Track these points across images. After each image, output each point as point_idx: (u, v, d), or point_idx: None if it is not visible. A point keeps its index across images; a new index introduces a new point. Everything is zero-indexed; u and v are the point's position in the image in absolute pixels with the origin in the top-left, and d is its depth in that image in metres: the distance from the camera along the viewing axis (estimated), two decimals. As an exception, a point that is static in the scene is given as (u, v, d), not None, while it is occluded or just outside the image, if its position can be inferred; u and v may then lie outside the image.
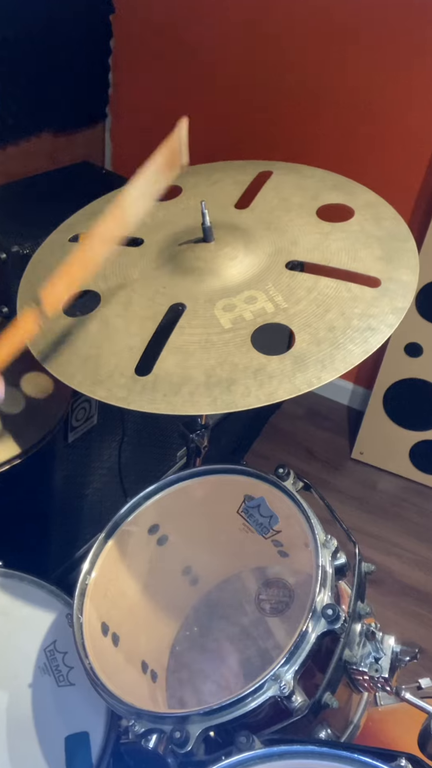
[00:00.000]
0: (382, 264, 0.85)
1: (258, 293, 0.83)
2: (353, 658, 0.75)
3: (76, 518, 1.47)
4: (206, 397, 0.74)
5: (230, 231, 0.91)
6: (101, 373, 0.80)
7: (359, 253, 0.87)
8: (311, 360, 0.75)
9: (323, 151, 1.87)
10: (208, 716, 0.70)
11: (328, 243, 0.88)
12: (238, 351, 0.77)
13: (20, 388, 1.03)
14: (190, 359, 0.78)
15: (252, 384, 0.74)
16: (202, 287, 0.85)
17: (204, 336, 0.80)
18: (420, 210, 1.82)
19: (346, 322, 0.78)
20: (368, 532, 1.88)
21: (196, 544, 1.00)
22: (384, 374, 1.92)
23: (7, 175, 1.79)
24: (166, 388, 0.76)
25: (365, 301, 0.80)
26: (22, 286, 0.96)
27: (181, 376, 0.77)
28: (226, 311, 0.82)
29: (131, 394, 0.77)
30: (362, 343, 0.76)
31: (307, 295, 0.81)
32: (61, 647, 0.93)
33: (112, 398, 0.77)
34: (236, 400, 0.73)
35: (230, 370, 0.76)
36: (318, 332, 0.77)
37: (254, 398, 0.73)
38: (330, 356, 0.75)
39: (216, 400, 0.74)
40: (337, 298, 0.81)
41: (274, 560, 0.98)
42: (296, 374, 0.74)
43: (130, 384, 0.78)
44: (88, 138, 2.12)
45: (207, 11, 1.87)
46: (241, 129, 1.97)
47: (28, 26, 1.70)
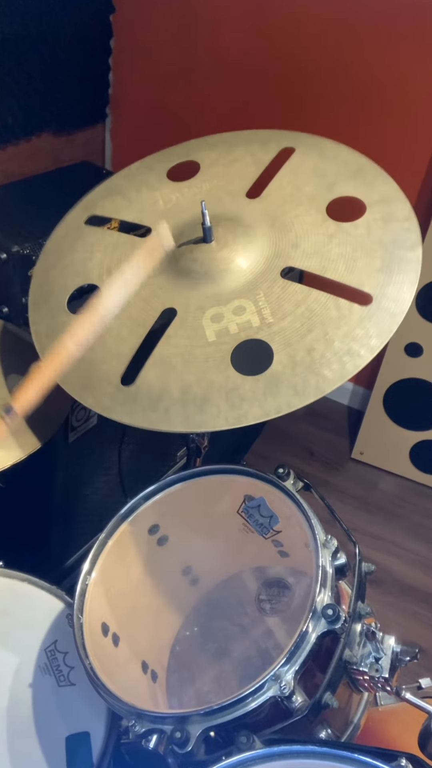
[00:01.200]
0: (380, 277, 0.82)
1: (248, 303, 0.83)
2: (353, 658, 0.75)
3: (76, 518, 1.46)
4: (180, 415, 0.75)
5: (232, 229, 0.91)
6: (91, 378, 0.81)
7: (358, 262, 0.84)
8: (284, 384, 0.75)
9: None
10: (209, 716, 0.70)
11: (329, 247, 0.86)
12: (216, 368, 0.78)
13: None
14: (171, 373, 0.79)
15: (223, 405, 0.75)
16: (195, 292, 0.86)
17: (188, 348, 0.80)
18: (420, 210, 1.82)
19: (326, 344, 0.77)
20: (368, 532, 1.88)
21: (196, 544, 1.00)
22: (384, 374, 1.92)
23: (7, 175, 1.80)
24: (145, 402, 0.77)
25: (351, 322, 0.79)
26: (36, 275, 0.97)
27: (159, 390, 0.78)
28: (213, 322, 0.82)
29: (115, 404, 0.79)
30: (338, 370, 0.75)
31: (295, 310, 0.81)
32: (62, 647, 0.93)
33: (97, 406, 0.79)
34: (207, 421, 0.74)
35: (206, 387, 0.76)
36: (297, 353, 0.77)
37: (223, 420, 0.74)
38: (303, 381, 0.75)
39: (188, 419, 0.75)
40: (323, 317, 0.80)
41: (274, 560, 0.98)
42: (267, 398, 0.74)
43: (115, 393, 0.79)
44: (88, 138, 2.12)
45: (207, 11, 1.88)
46: (241, 126, 1.97)
47: (28, 26, 1.70)
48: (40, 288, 0.96)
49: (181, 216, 0.97)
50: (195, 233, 0.91)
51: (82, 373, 0.81)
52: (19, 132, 1.84)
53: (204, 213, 0.87)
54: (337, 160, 0.98)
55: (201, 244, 0.89)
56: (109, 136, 2.20)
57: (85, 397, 0.80)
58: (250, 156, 1.02)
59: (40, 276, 0.97)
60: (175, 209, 0.98)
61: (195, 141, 1.09)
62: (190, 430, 0.74)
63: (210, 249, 0.88)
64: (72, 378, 0.82)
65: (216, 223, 0.89)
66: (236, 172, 1.01)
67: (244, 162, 1.02)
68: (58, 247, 1.00)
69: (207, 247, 0.89)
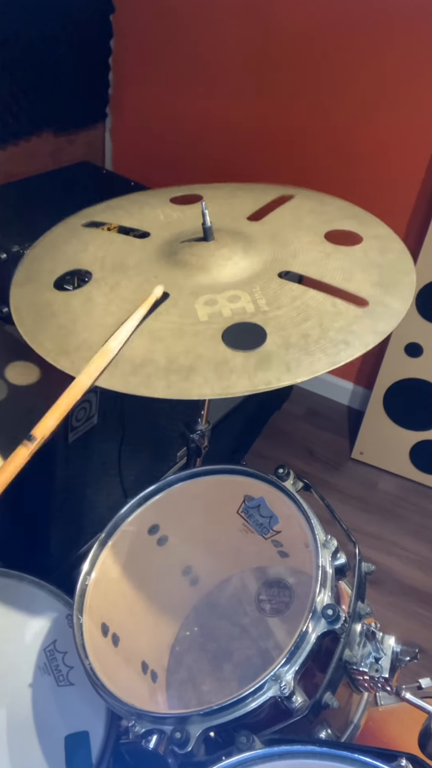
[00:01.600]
0: (376, 289, 0.84)
1: (243, 293, 0.83)
2: (353, 658, 0.75)
3: (76, 518, 1.46)
4: (162, 380, 0.74)
5: (233, 235, 0.91)
6: (70, 344, 0.80)
7: (355, 275, 0.85)
8: (276, 361, 0.74)
9: (323, 144, 1.87)
10: (209, 716, 0.70)
11: (327, 262, 0.88)
12: (207, 342, 0.77)
13: (4, 377, 1.03)
14: (158, 344, 0.78)
15: (211, 375, 0.73)
16: (190, 280, 0.85)
17: (178, 325, 0.80)
18: (420, 210, 1.82)
19: (322, 332, 0.77)
20: (368, 532, 1.88)
21: (196, 544, 1.00)
22: (384, 374, 1.92)
23: (7, 175, 1.79)
24: (127, 367, 0.76)
25: (347, 318, 0.79)
26: (23, 263, 0.97)
27: (144, 358, 0.76)
28: (206, 305, 0.81)
29: None
30: (333, 355, 0.75)
31: (291, 303, 0.81)
32: (61, 647, 0.93)
33: (73, 369, 0.77)
34: (190, 389, 0.72)
35: (194, 359, 0.75)
36: (291, 337, 0.76)
37: (209, 389, 0.72)
38: (296, 361, 0.74)
39: (171, 386, 0.73)
40: (319, 310, 0.80)
41: (274, 560, 0.98)
42: (257, 372, 0.73)
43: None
44: (88, 138, 2.12)
45: (207, 11, 1.88)
46: (241, 128, 1.97)
47: (28, 26, 1.70)
48: (26, 271, 0.95)
49: (181, 228, 0.97)
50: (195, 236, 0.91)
51: (60, 339, 0.81)
52: (19, 132, 1.84)
53: (204, 212, 0.87)
54: (334, 206, 1.02)
55: (201, 242, 0.89)
56: (109, 136, 2.20)
57: (59, 360, 0.79)
58: (251, 196, 1.06)
59: (27, 262, 0.96)
60: (176, 223, 1.00)
61: (198, 185, 1.12)
62: (172, 396, 0.72)
63: (209, 246, 0.88)
64: (48, 342, 0.81)
65: (217, 230, 0.90)
66: (238, 204, 1.04)
67: (244, 199, 1.05)
68: (51, 241, 1.00)
69: (206, 245, 0.89)
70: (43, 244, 1.00)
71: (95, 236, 0.99)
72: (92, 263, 0.91)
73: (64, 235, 1.00)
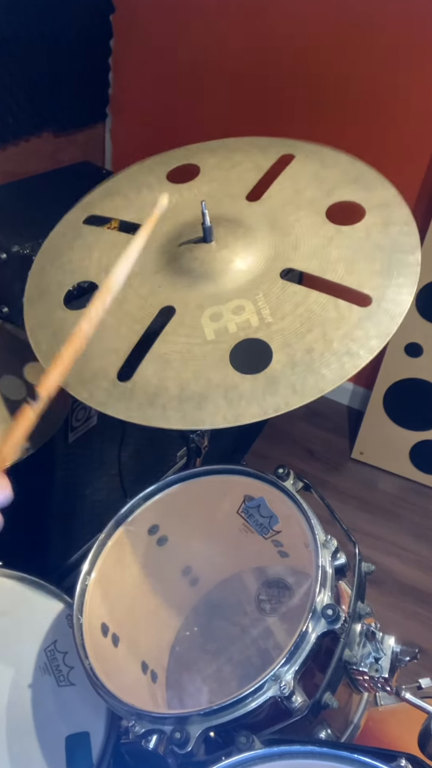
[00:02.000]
0: (379, 279, 0.82)
1: (247, 303, 0.83)
2: (353, 658, 0.75)
3: (76, 518, 1.46)
4: (177, 411, 0.75)
5: (232, 230, 0.91)
6: (86, 374, 0.80)
7: (357, 265, 0.84)
8: (283, 383, 0.75)
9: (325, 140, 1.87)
10: (208, 717, 0.70)
11: (329, 250, 0.87)
12: (215, 366, 0.78)
13: (23, 377, 1.03)
14: (168, 369, 0.79)
15: (222, 403, 0.74)
16: (194, 291, 0.86)
17: (186, 346, 0.80)
18: (420, 210, 1.82)
19: (326, 344, 0.77)
20: (368, 532, 1.88)
21: (196, 544, 1.00)
22: (384, 374, 1.92)
23: (7, 175, 1.79)
24: (142, 398, 0.77)
25: (350, 323, 0.79)
26: (33, 273, 0.97)
27: (157, 386, 0.77)
28: (212, 321, 0.82)
29: (110, 399, 0.78)
30: (337, 369, 0.75)
31: (294, 310, 0.81)
32: (62, 647, 0.93)
33: (92, 401, 0.78)
34: (204, 418, 0.74)
35: (204, 385, 0.76)
36: (296, 353, 0.77)
37: (221, 418, 0.74)
38: (302, 381, 0.74)
39: (186, 416, 0.74)
40: (322, 317, 0.79)
41: (274, 560, 0.98)
42: (266, 397, 0.74)
43: (111, 388, 0.79)
44: (88, 138, 2.12)
45: (207, 11, 1.88)
46: (241, 127, 1.97)
47: (28, 26, 1.70)
48: (36, 285, 0.95)
49: (180, 217, 0.97)
50: (195, 233, 0.91)
51: (77, 368, 0.81)
52: (19, 132, 1.84)
53: (204, 213, 0.87)
54: (336, 167, 0.99)
55: (201, 243, 0.89)
56: (109, 136, 2.20)
57: (79, 391, 0.79)
58: (250, 161, 1.03)
59: (36, 274, 0.97)
60: (175, 210, 0.98)
61: (195, 146, 1.09)
62: (188, 427, 0.74)
63: (210, 249, 0.88)
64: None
65: (216, 223, 0.89)
66: (236, 176, 1.01)
67: (244, 167, 1.02)
68: (55, 246, 1.00)
69: (207, 247, 0.89)
70: (48, 250, 1.00)
71: (97, 237, 0.99)
72: (98, 274, 0.91)
73: (67, 236, 1.00)
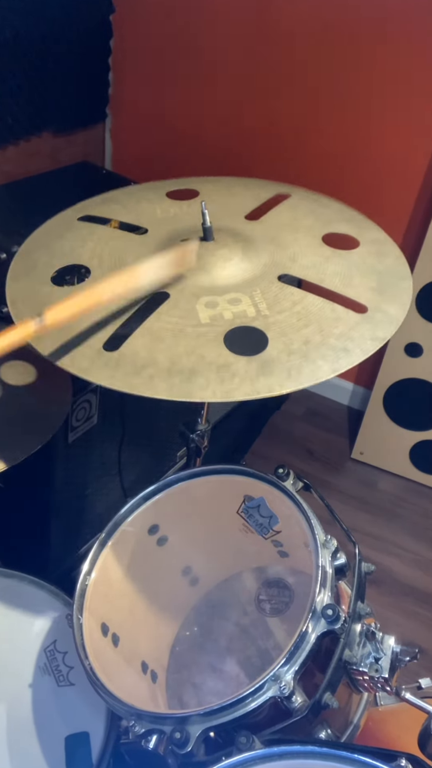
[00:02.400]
0: (374, 294, 0.84)
1: (243, 296, 0.83)
2: (353, 658, 0.75)
3: (76, 518, 1.46)
4: (164, 382, 0.74)
5: (232, 236, 0.91)
6: (71, 343, 0.79)
7: (354, 280, 0.86)
8: (278, 367, 0.74)
9: (323, 144, 1.87)
10: (208, 717, 0.70)
11: (326, 266, 0.88)
12: (208, 345, 0.77)
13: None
14: (159, 344, 0.78)
15: (213, 378, 0.73)
16: (190, 280, 0.85)
17: (179, 326, 0.79)
18: (420, 209, 1.82)
19: (322, 338, 0.77)
20: (368, 532, 1.88)
21: (196, 544, 1.00)
22: (384, 374, 1.92)
23: (7, 175, 1.79)
24: (129, 368, 0.76)
25: (347, 324, 0.79)
26: (17, 257, 0.96)
27: (146, 358, 0.76)
28: (207, 307, 0.81)
29: (93, 366, 0.77)
30: (333, 362, 0.75)
31: (291, 307, 0.81)
32: (62, 647, 0.93)
33: (73, 367, 0.77)
34: (193, 391, 0.72)
35: (196, 361, 0.75)
36: (292, 343, 0.77)
37: (210, 393, 0.72)
38: (298, 367, 0.74)
39: (173, 387, 0.73)
40: (319, 316, 0.80)
41: (274, 560, 0.98)
42: (259, 378, 0.73)
43: (95, 357, 0.78)
44: (88, 138, 2.12)
45: (207, 11, 1.88)
46: (241, 127, 1.97)
47: (28, 26, 1.70)
48: (21, 265, 0.94)
49: (179, 224, 0.97)
50: (195, 236, 0.91)
51: (60, 337, 0.80)
52: (19, 132, 1.84)
53: (204, 212, 0.87)
54: (331, 208, 1.03)
55: (201, 241, 0.89)
56: (109, 136, 2.20)
57: (61, 358, 0.78)
58: (249, 193, 1.06)
59: (23, 255, 0.96)
60: (173, 219, 0.99)
61: (194, 178, 1.12)
62: (174, 397, 0.72)
63: (209, 246, 0.88)
64: (48, 341, 0.80)
65: (216, 230, 0.90)
66: (235, 202, 1.04)
67: (242, 196, 1.05)
68: (44, 235, 1.00)
69: (206, 245, 0.89)
70: (36, 238, 0.99)
71: (92, 231, 0.98)
72: (90, 259, 0.91)
73: (59, 229, 1.00)
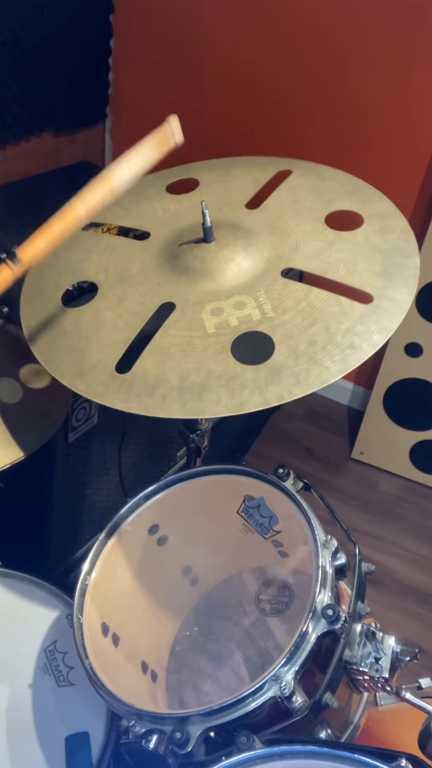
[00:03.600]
0: (379, 280, 0.83)
1: (248, 299, 0.83)
2: (353, 658, 0.75)
3: (76, 518, 1.46)
4: (177, 401, 0.75)
5: (233, 232, 0.91)
6: (84, 366, 0.80)
7: (358, 266, 0.85)
8: (286, 373, 0.74)
9: (323, 150, 1.87)
10: (209, 717, 0.70)
11: (329, 252, 0.87)
12: (216, 357, 0.77)
13: (19, 379, 1.03)
14: (168, 361, 0.78)
15: (223, 392, 0.74)
16: (195, 288, 0.86)
17: (186, 339, 0.80)
18: (420, 209, 1.82)
19: (329, 337, 0.77)
20: (368, 532, 1.88)
21: (196, 544, 1.00)
22: (384, 374, 1.92)
23: (7, 175, 1.79)
24: (141, 389, 0.76)
25: (353, 318, 0.79)
26: (30, 275, 0.97)
27: (156, 377, 0.77)
28: (213, 315, 0.82)
29: (108, 390, 0.78)
30: (341, 362, 0.75)
31: (296, 306, 0.81)
32: (62, 647, 0.93)
33: (89, 392, 0.78)
34: (205, 408, 0.73)
35: (205, 375, 0.76)
36: (298, 345, 0.77)
37: (223, 407, 0.73)
38: (306, 371, 0.74)
39: (186, 405, 0.74)
40: (324, 312, 0.80)
41: (274, 560, 0.98)
42: (268, 386, 0.73)
43: (109, 380, 0.78)
44: (88, 138, 2.12)
45: (207, 11, 1.87)
46: (241, 127, 1.97)
47: (28, 26, 1.70)
48: (33, 286, 0.96)
49: (180, 222, 0.97)
50: (195, 236, 0.91)
51: (75, 361, 0.81)
52: (19, 132, 1.84)
53: (204, 212, 0.87)
54: (333, 180, 1.01)
55: (201, 243, 0.89)
56: (109, 136, 2.20)
57: (76, 383, 0.79)
58: (248, 175, 1.05)
59: (33, 275, 0.97)
60: (174, 217, 0.99)
61: (193, 164, 1.11)
62: (188, 416, 0.73)
63: (210, 248, 0.88)
64: (63, 365, 0.82)
65: (216, 226, 0.90)
66: (235, 188, 1.03)
67: (242, 180, 1.04)
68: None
69: (207, 247, 0.89)
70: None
71: (96, 242, 0.99)
72: (97, 274, 0.92)
73: (66, 242, 1.00)
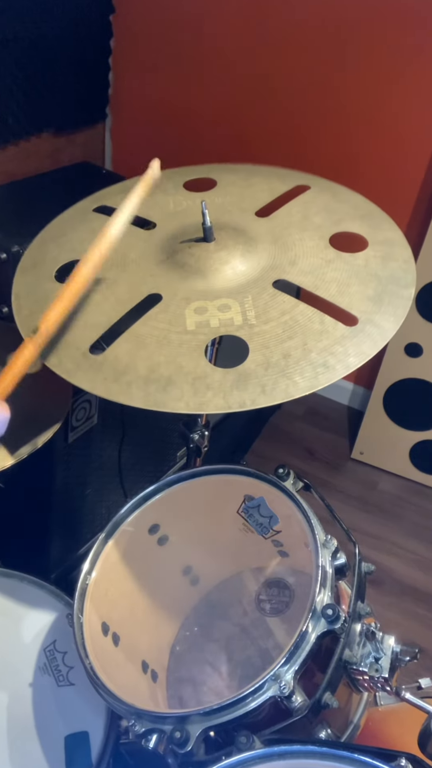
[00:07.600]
0: (369, 305, 0.82)
1: (234, 303, 0.83)
2: (353, 658, 0.75)
3: (76, 518, 1.47)
4: (141, 391, 0.75)
5: (234, 236, 0.91)
6: (60, 342, 0.81)
7: (351, 288, 0.84)
8: (253, 382, 0.74)
9: (323, 148, 1.87)
10: (209, 716, 0.70)
11: (325, 270, 0.87)
12: (188, 354, 0.77)
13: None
14: (142, 350, 0.79)
15: (187, 390, 0.74)
16: (185, 284, 0.86)
17: (165, 332, 0.80)
18: (420, 209, 1.82)
19: (304, 353, 0.76)
20: (368, 532, 1.88)
21: (196, 544, 1.00)
22: (384, 374, 1.92)
23: (7, 175, 1.79)
24: (109, 373, 0.77)
25: (333, 338, 0.78)
26: (32, 246, 0.98)
27: (127, 364, 0.77)
28: (196, 313, 0.82)
29: (78, 369, 0.78)
30: (311, 378, 0.74)
31: (279, 317, 0.80)
32: (61, 647, 0.93)
33: (59, 368, 0.79)
34: (166, 402, 0.73)
35: (173, 370, 0.76)
36: (272, 356, 0.76)
37: (183, 404, 0.73)
38: (273, 383, 0.74)
39: (148, 396, 0.74)
40: (306, 327, 0.79)
41: (274, 560, 0.98)
42: (233, 391, 0.73)
43: (81, 360, 0.79)
44: (88, 138, 2.12)
45: (207, 11, 1.88)
46: (241, 127, 1.97)
47: (28, 26, 1.70)
48: (31, 256, 0.96)
49: (187, 219, 0.97)
50: (197, 235, 0.91)
51: (53, 336, 0.82)
52: (19, 132, 1.84)
53: (204, 213, 0.87)
54: (347, 203, 1.00)
55: (201, 242, 0.89)
56: (109, 136, 2.20)
57: (49, 357, 0.80)
58: (266, 184, 1.05)
59: (35, 247, 0.97)
60: (184, 213, 1.00)
61: (216, 165, 1.11)
62: (148, 407, 0.74)
63: (209, 248, 0.89)
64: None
65: (220, 228, 0.90)
66: (250, 194, 1.03)
67: (259, 188, 1.04)
68: (60, 225, 1.01)
69: (206, 246, 0.89)
70: (52, 228, 1.01)
71: (103, 223, 0.99)
72: None
73: (74, 219, 1.02)
